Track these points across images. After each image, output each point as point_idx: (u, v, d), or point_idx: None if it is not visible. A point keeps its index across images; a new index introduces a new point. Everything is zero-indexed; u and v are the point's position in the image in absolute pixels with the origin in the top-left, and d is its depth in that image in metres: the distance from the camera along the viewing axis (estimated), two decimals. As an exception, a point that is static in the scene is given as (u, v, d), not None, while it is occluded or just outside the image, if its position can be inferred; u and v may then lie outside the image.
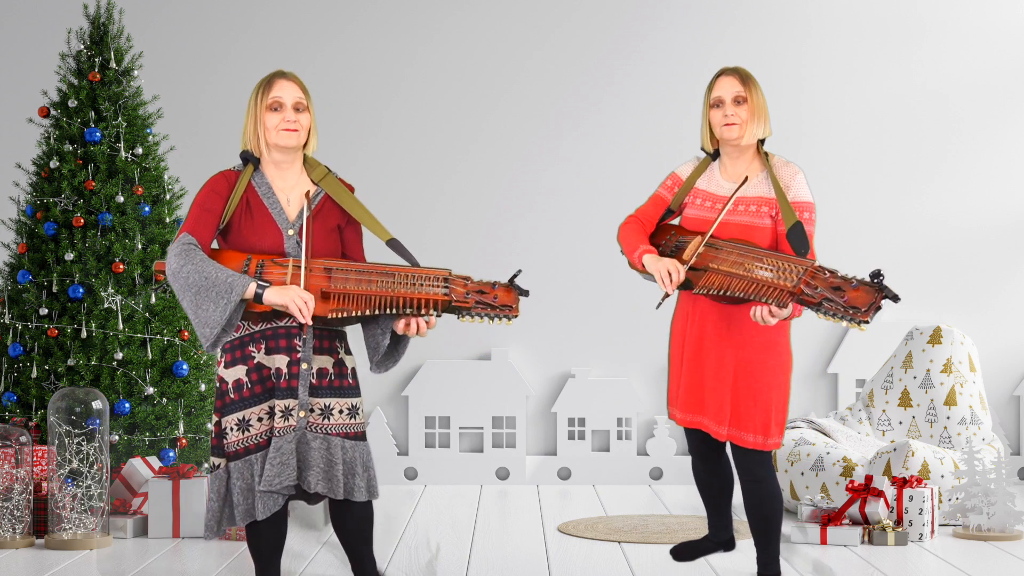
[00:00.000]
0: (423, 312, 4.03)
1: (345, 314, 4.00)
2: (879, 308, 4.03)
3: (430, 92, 7.77)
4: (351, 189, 4.24)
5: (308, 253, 4.06)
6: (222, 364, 4.08)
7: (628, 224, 4.61)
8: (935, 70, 7.76)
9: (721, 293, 4.25)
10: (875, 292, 4.02)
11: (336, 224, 4.17)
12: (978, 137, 7.76)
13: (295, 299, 3.94)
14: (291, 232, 4.09)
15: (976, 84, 7.76)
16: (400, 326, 4.06)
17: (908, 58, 7.77)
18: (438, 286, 4.06)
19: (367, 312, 4.01)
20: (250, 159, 4.16)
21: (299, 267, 4.01)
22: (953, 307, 7.75)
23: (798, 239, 4.29)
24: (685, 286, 4.39)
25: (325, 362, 4.10)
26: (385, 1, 7.78)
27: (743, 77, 4.50)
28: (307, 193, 4.11)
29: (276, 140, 4.11)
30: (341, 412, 4.10)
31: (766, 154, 4.52)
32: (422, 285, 4.05)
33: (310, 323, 3.96)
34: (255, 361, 4.05)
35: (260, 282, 3.96)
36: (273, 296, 3.95)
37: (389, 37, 7.77)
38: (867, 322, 4.00)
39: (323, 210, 4.16)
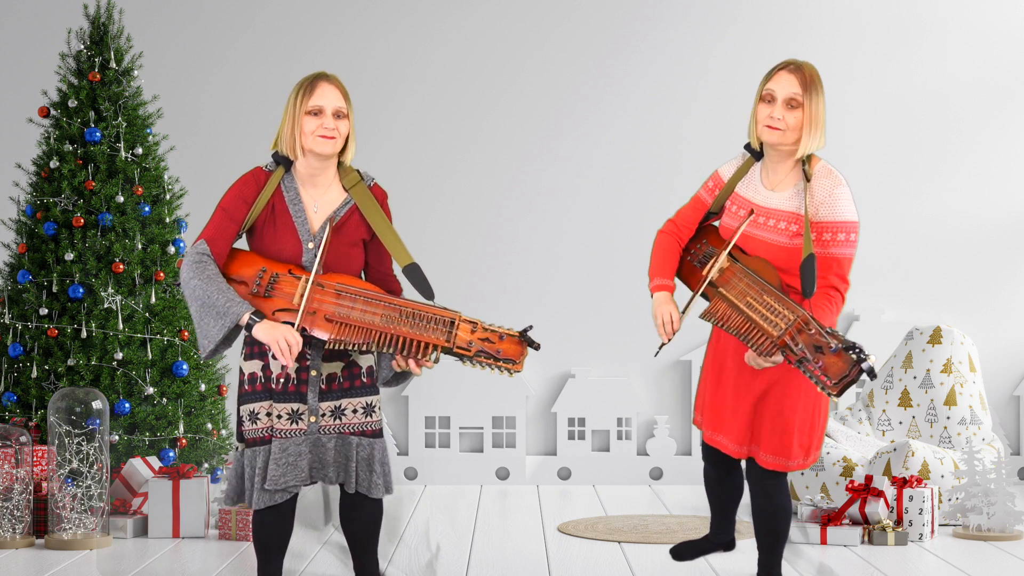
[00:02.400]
0: (420, 355, 3.92)
1: (343, 346, 3.92)
2: (852, 382, 3.67)
3: (430, 92, 7.77)
4: (384, 196, 4.14)
5: (320, 269, 3.98)
6: (243, 355, 4.07)
7: (661, 238, 4.30)
8: (935, 70, 7.76)
9: (721, 325, 4.06)
10: (850, 365, 3.67)
11: (360, 238, 4.07)
12: (978, 137, 7.76)
13: (279, 340, 3.87)
14: (311, 245, 4.02)
15: (976, 84, 7.75)
16: (395, 363, 4.00)
17: (908, 58, 7.77)
18: (441, 330, 3.92)
19: (363, 346, 3.91)
20: (282, 161, 4.07)
21: (312, 283, 3.95)
22: (953, 307, 7.74)
23: (806, 276, 3.89)
24: (705, 298, 4.18)
25: (335, 367, 4.06)
26: (385, 1, 7.78)
27: (807, 79, 3.95)
28: (331, 219, 4.02)
29: (312, 146, 4.00)
30: (355, 411, 4.07)
31: (809, 159, 4.05)
32: (426, 326, 3.92)
33: (292, 367, 3.91)
34: (270, 358, 4.04)
35: (253, 315, 3.90)
36: (260, 333, 3.89)
37: (389, 37, 7.77)
38: (836, 395, 3.67)
39: (347, 224, 4.06)
